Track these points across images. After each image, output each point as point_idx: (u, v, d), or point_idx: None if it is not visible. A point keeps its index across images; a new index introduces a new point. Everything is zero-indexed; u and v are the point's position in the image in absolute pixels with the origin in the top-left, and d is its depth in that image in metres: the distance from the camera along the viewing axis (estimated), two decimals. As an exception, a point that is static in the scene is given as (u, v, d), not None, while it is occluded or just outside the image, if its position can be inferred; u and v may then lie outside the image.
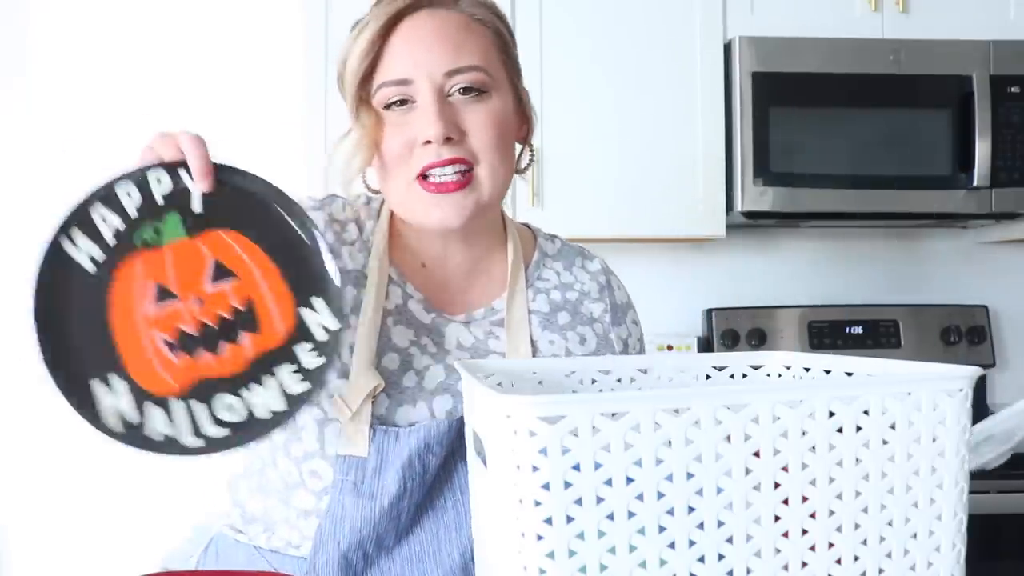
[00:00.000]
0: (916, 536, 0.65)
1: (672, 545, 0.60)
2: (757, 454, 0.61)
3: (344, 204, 1.05)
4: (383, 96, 0.94)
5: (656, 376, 0.89)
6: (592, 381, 0.89)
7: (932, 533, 0.65)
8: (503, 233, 1.06)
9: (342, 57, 0.97)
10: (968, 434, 0.67)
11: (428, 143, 0.92)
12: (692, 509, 0.60)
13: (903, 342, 2.44)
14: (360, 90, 0.95)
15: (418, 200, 0.95)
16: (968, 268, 2.58)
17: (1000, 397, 2.55)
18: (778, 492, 0.62)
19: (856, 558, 0.64)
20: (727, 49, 2.21)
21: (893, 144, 2.17)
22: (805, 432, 0.62)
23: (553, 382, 0.88)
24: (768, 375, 0.91)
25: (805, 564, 0.63)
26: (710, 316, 2.45)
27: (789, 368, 0.90)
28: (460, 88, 0.93)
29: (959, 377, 0.65)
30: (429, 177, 0.93)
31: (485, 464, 0.69)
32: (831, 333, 2.43)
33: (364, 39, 0.94)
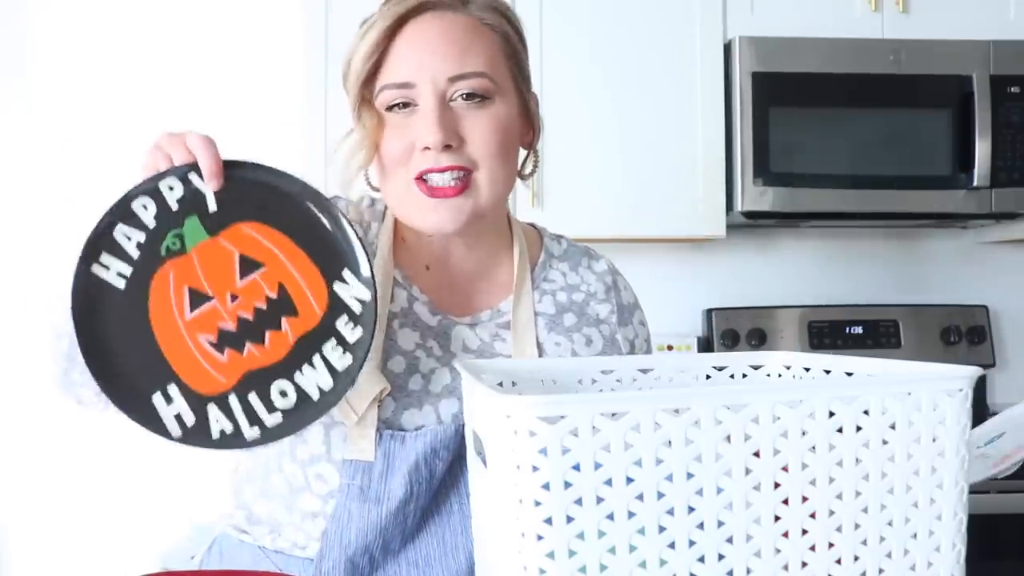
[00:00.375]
0: (916, 536, 0.65)
1: (672, 545, 0.60)
2: (757, 454, 0.61)
3: (347, 206, 1.04)
4: (385, 98, 0.94)
5: (656, 376, 0.89)
6: (592, 381, 0.89)
7: (932, 533, 0.65)
8: (509, 235, 1.06)
9: (347, 56, 0.97)
10: (968, 434, 0.67)
11: (427, 149, 0.92)
12: (692, 509, 0.60)
13: (903, 342, 2.44)
14: (363, 90, 0.95)
15: (415, 202, 0.94)
16: (968, 268, 2.58)
17: (1000, 397, 2.55)
18: (778, 492, 0.62)
19: (856, 558, 0.64)
20: (727, 49, 2.21)
21: (893, 144, 2.17)
22: (805, 432, 0.62)
23: (553, 382, 0.88)
24: (768, 375, 0.91)
25: (805, 564, 0.63)
26: (710, 316, 2.45)
27: (789, 368, 0.90)
28: (462, 94, 0.92)
29: (959, 377, 0.65)
30: (427, 180, 0.93)
31: (485, 464, 0.69)
32: (831, 333, 2.43)
33: (369, 40, 0.93)
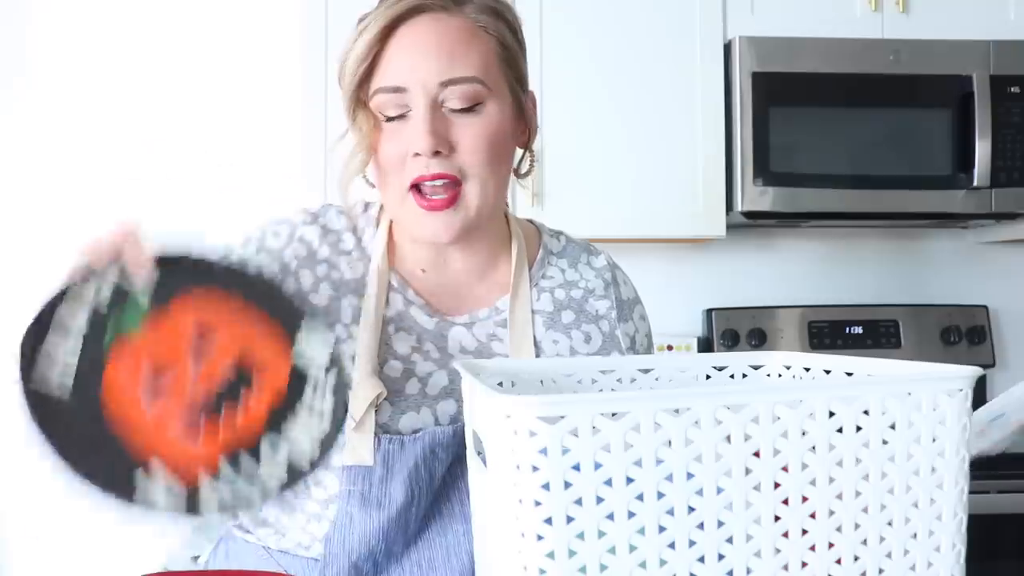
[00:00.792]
0: (916, 536, 0.65)
1: (672, 545, 0.60)
2: (757, 454, 0.61)
3: (339, 213, 1.04)
4: (379, 102, 0.94)
5: (656, 376, 0.89)
6: (592, 381, 0.89)
7: (932, 533, 0.65)
8: (507, 233, 1.06)
9: (342, 56, 0.96)
10: (968, 433, 0.67)
11: (418, 155, 0.92)
12: (692, 509, 0.60)
13: (903, 342, 2.44)
14: (358, 92, 0.95)
15: (410, 212, 0.95)
16: (968, 268, 2.58)
17: (1000, 397, 2.55)
18: (778, 492, 0.62)
19: (856, 558, 0.64)
20: (727, 49, 2.21)
21: (893, 144, 2.17)
22: (805, 432, 0.62)
23: (553, 382, 0.88)
24: (768, 375, 0.91)
25: (805, 564, 0.63)
26: (710, 316, 2.45)
27: (789, 368, 0.90)
28: (454, 101, 0.92)
29: (959, 377, 0.65)
30: (421, 189, 0.93)
31: (485, 464, 0.69)
32: (831, 333, 2.43)
33: (362, 42, 0.93)
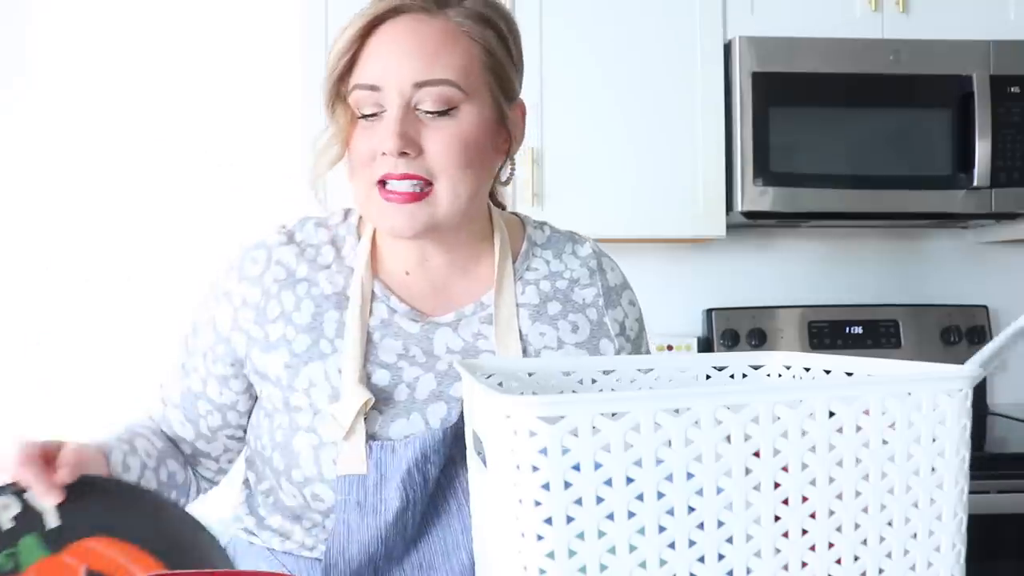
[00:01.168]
0: (916, 536, 0.65)
1: (672, 545, 0.60)
2: (757, 454, 0.61)
3: (317, 225, 1.04)
4: (355, 99, 0.94)
5: (656, 376, 0.89)
6: (592, 381, 0.89)
7: (932, 533, 0.65)
8: (489, 229, 1.05)
9: (329, 49, 0.97)
10: (968, 432, 0.67)
11: (385, 154, 0.92)
12: (692, 509, 0.60)
13: (903, 342, 2.44)
14: (338, 85, 0.95)
15: (374, 205, 0.95)
16: (968, 268, 2.58)
17: (1000, 397, 2.55)
18: (778, 492, 0.62)
19: (856, 558, 0.64)
20: (727, 49, 2.21)
21: (893, 144, 2.17)
22: (805, 432, 0.62)
23: (552, 382, 0.88)
24: (768, 375, 0.91)
25: (805, 564, 0.63)
26: (710, 316, 2.45)
27: (789, 368, 0.90)
28: (427, 103, 0.91)
29: (959, 377, 0.65)
30: (387, 185, 0.93)
31: (485, 464, 0.69)
32: (831, 333, 2.43)
33: (344, 38, 0.93)
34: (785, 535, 0.62)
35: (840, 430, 0.62)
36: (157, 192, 2.42)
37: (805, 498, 0.62)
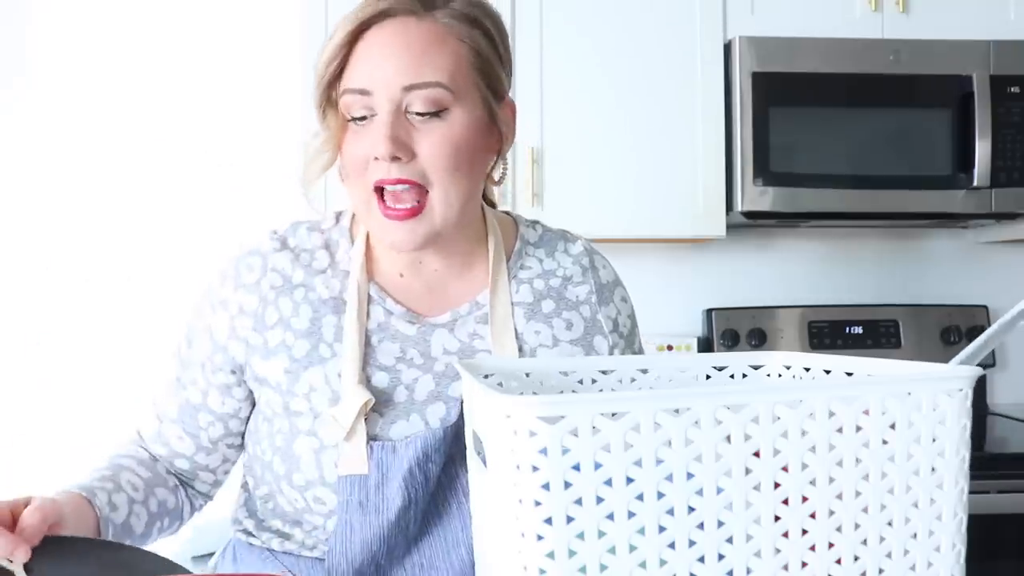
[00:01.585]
0: (916, 536, 0.65)
1: (672, 545, 0.60)
2: (757, 454, 0.61)
3: (309, 230, 1.04)
4: (346, 103, 0.93)
5: (656, 376, 0.89)
6: (592, 381, 0.89)
7: (932, 533, 0.65)
8: (483, 230, 1.05)
9: (318, 54, 0.96)
10: (968, 432, 0.67)
11: (378, 159, 0.91)
12: (692, 509, 0.60)
13: (903, 342, 2.44)
14: (329, 90, 0.95)
15: (376, 219, 0.95)
16: (968, 268, 2.58)
17: (1000, 397, 2.55)
18: (778, 492, 0.62)
19: (856, 558, 0.64)
20: (727, 49, 2.21)
21: (893, 144, 2.17)
22: (805, 432, 0.62)
23: (552, 381, 0.88)
24: (768, 375, 0.91)
25: (805, 564, 0.63)
26: (710, 316, 2.45)
27: (789, 368, 0.90)
28: (417, 105, 0.91)
29: (959, 377, 0.65)
30: (384, 195, 0.93)
31: (485, 464, 0.69)
32: (831, 333, 2.43)
33: (332, 44, 0.93)
34: (785, 535, 0.62)
35: (840, 430, 0.62)
36: (157, 192, 2.42)
37: (805, 498, 0.62)
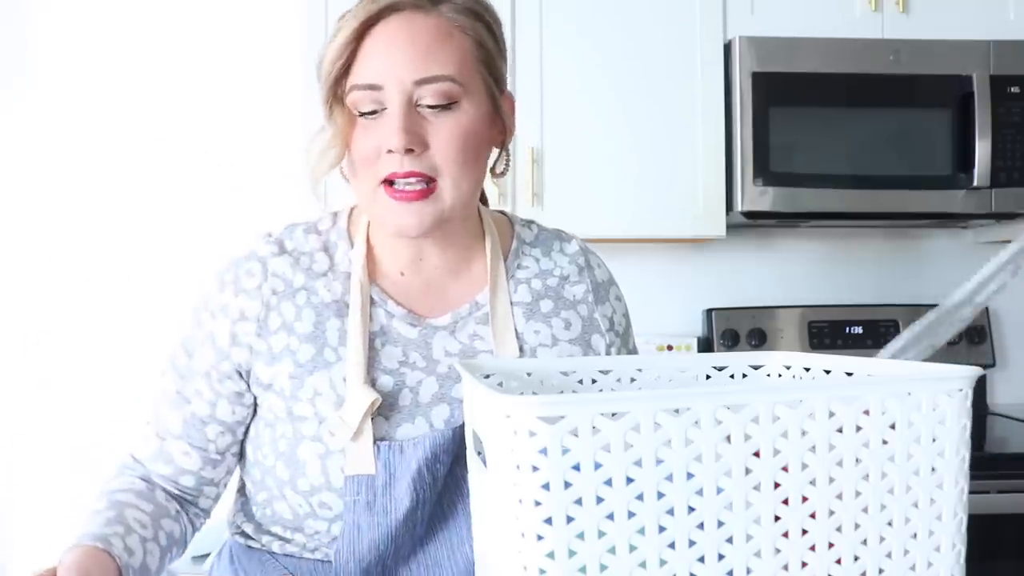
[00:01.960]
0: (916, 536, 0.65)
1: (672, 545, 0.60)
2: (757, 454, 0.61)
3: (306, 232, 1.03)
4: (355, 99, 0.93)
5: (656, 376, 0.89)
6: (592, 381, 0.89)
7: (932, 533, 0.65)
8: (480, 229, 1.06)
9: (320, 53, 0.96)
10: (968, 433, 0.67)
11: (391, 152, 0.92)
12: (692, 509, 0.60)
13: (903, 342, 2.44)
14: (335, 87, 0.95)
15: (381, 205, 0.94)
16: (968, 268, 2.55)
17: (1000, 397, 2.55)
18: (778, 492, 0.62)
19: (856, 558, 0.64)
20: (727, 49, 2.21)
21: (893, 144, 2.17)
22: (805, 432, 0.62)
23: (552, 381, 0.88)
24: (768, 375, 0.91)
25: (805, 564, 0.63)
26: (710, 316, 2.45)
27: (789, 368, 0.90)
28: (428, 98, 0.92)
29: (959, 377, 0.65)
30: (394, 184, 0.93)
31: (485, 464, 0.69)
32: (831, 333, 2.43)
33: (338, 41, 0.93)
34: (785, 535, 0.62)
35: (840, 430, 0.62)
36: (157, 192, 2.42)
37: (805, 498, 0.62)
